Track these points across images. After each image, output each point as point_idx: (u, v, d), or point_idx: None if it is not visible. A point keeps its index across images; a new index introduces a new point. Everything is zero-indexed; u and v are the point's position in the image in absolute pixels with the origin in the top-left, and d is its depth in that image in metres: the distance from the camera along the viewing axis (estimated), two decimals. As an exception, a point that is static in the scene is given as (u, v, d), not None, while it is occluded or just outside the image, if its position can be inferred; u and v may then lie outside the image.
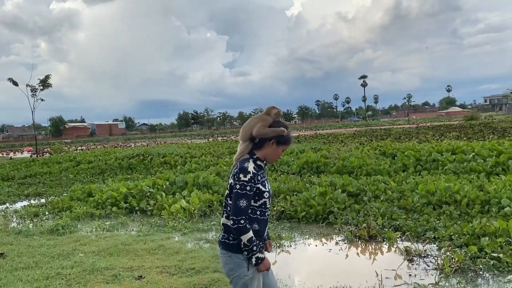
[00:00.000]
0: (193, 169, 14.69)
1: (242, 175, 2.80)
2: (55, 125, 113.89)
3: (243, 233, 2.77)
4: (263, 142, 2.98)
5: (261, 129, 2.98)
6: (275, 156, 3.03)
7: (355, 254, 6.29)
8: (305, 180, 10.83)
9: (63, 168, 18.07)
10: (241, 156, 3.00)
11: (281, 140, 3.02)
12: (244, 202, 2.77)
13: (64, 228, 8.14)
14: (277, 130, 3.00)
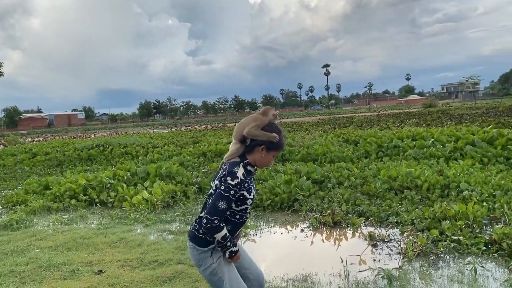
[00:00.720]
0: (155, 159, 14.35)
1: (229, 178, 2.75)
2: (9, 116, 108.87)
3: (216, 231, 2.76)
4: (253, 147, 2.89)
5: (252, 130, 2.88)
6: (266, 162, 2.95)
7: (320, 241, 6.30)
8: (270, 169, 10.78)
9: (18, 161, 17.23)
10: (232, 158, 2.91)
11: (272, 147, 2.92)
12: (223, 205, 2.74)
13: (19, 223, 7.73)
14: (268, 135, 2.88)
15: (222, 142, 16.10)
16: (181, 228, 7.08)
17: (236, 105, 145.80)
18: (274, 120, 3.00)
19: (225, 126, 40.60)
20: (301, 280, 4.73)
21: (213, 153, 14.32)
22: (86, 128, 77.19)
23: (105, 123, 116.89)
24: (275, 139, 2.90)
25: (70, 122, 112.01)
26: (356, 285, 4.55)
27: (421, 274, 4.76)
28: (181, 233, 6.75)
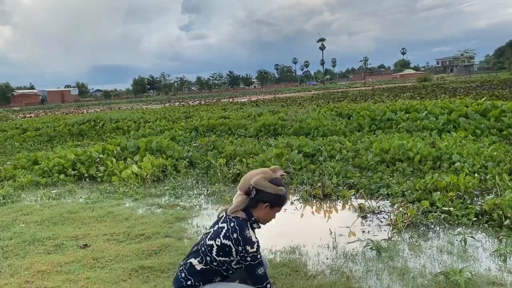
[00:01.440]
0: (147, 134, 14.20)
1: (249, 247, 2.73)
2: (1, 93, 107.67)
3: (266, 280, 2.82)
4: (257, 202, 2.85)
5: (261, 180, 2.86)
6: (269, 219, 2.98)
7: (310, 213, 6.23)
8: (262, 143, 10.66)
9: (8, 136, 17.02)
10: (236, 211, 2.84)
11: (276, 203, 2.92)
12: (261, 270, 2.78)
13: (6, 198, 7.63)
14: (276, 188, 2.88)
15: (214, 117, 15.92)
16: (171, 201, 6.99)
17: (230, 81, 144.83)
18: (283, 181, 2.99)
19: (219, 101, 40.30)
20: (289, 251, 4.67)
21: (205, 127, 14.17)
22: (80, 104, 76.48)
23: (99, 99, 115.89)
24: (282, 192, 2.89)
25: (63, 99, 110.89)
26: (344, 256, 4.50)
27: (411, 245, 4.71)
28: (170, 207, 6.67)
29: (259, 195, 2.84)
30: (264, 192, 2.84)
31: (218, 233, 2.78)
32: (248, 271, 2.77)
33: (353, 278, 3.97)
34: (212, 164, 8.96)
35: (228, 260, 2.79)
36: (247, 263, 2.74)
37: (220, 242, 2.74)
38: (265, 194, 2.85)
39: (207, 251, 2.79)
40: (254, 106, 23.49)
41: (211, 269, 2.80)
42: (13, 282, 4.01)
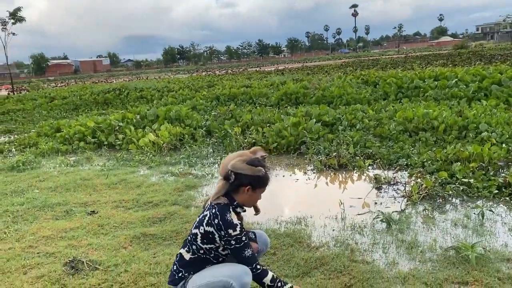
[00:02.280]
0: (169, 103, 14.16)
1: (231, 230, 2.61)
2: (36, 63, 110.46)
3: (263, 276, 2.71)
4: (237, 186, 2.69)
5: (237, 163, 2.69)
6: (254, 201, 2.83)
7: (322, 184, 6.05)
8: (281, 112, 10.43)
9: (37, 105, 17.42)
10: (217, 197, 2.70)
11: (257, 185, 2.75)
12: (248, 251, 2.68)
13: (25, 164, 7.77)
14: (254, 169, 2.69)
15: (236, 86, 15.71)
16: (184, 170, 6.94)
17: (260, 50, 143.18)
18: (262, 161, 2.81)
19: (246, 70, 39.88)
20: (295, 222, 4.53)
21: (226, 96, 14.00)
22: (111, 74, 77.58)
23: (130, 69, 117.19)
24: (261, 173, 2.71)
25: (95, 68, 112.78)
26: (351, 228, 4.32)
27: (424, 218, 4.47)
28: (182, 175, 6.62)
29: (238, 179, 2.69)
30: (243, 175, 2.69)
31: (202, 221, 2.68)
32: (234, 254, 2.68)
33: (358, 250, 3.80)
34: (228, 133, 8.84)
35: (214, 247, 2.69)
36: (233, 247, 2.65)
37: (204, 229, 2.65)
38: (244, 177, 2.69)
39: (192, 240, 2.71)
40: (279, 74, 23.07)
41: (200, 258, 2.70)
42: (17, 247, 4.06)
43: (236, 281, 2.60)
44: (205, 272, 2.68)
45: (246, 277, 2.66)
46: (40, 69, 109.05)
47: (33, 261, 3.75)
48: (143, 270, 3.49)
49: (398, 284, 3.20)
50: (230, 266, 2.72)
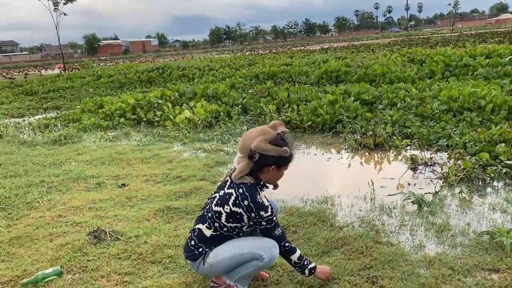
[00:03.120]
0: (209, 81, 14.21)
1: (263, 212, 2.55)
2: (89, 43, 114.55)
3: (291, 253, 2.68)
4: (262, 166, 2.60)
5: (261, 144, 2.57)
6: (277, 179, 2.76)
7: (355, 163, 5.84)
8: (319, 90, 10.17)
9: (85, 83, 18.04)
10: (241, 176, 2.59)
11: (282, 163, 2.66)
12: (278, 231, 2.63)
13: (67, 138, 8.06)
14: (280, 149, 2.59)
15: (277, 64, 15.49)
16: (216, 146, 6.94)
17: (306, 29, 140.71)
18: (285, 138, 2.71)
19: (290, 50, 39.32)
20: (321, 201, 4.40)
21: (265, 75, 13.84)
22: (158, 54, 79.09)
23: (177, 49, 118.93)
24: (286, 153, 2.61)
25: (144, 49, 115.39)
26: (380, 209, 4.13)
27: (459, 200, 4.21)
28: (214, 151, 6.62)
29: (263, 159, 2.59)
30: (267, 155, 2.58)
31: (226, 199, 2.59)
32: (264, 233, 2.63)
33: (383, 232, 3.63)
34: (263, 110, 8.74)
35: (240, 225, 2.63)
36: (263, 227, 2.60)
37: (230, 209, 2.57)
38: (268, 157, 2.59)
39: (214, 218, 2.63)
40: (323, 53, 22.54)
41: (222, 235, 2.64)
42: (47, 216, 4.20)
43: (266, 253, 2.57)
44: (230, 244, 2.63)
45: (275, 250, 2.62)
46: (92, 49, 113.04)
47: (60, 229, 3.87)
48: (162, 242, 3.51)
49: (422, 268, 3.02)
50: (257, 238, 2.69)
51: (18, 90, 17.94)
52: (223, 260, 2.57)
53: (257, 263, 2.56)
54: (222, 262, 2.57)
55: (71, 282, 2.99)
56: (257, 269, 2.61)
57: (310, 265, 2.72)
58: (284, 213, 4.12)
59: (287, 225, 3.80)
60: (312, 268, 2.73)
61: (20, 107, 13.76)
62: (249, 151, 2.61)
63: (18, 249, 3.50)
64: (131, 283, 2.95)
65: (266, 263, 2.57)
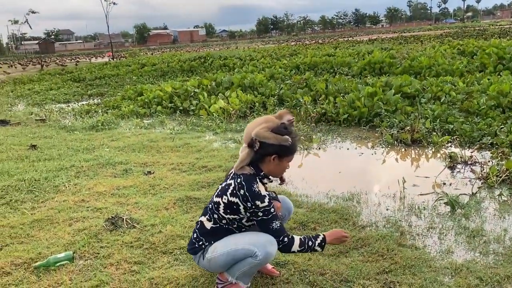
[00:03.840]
0: (250, 71, 14.10)
1: (259, 202, 2.42)
2: (139, 33, 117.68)
3: (291, 246, 2.51)
4: (263, 156, 2.46)
5: (262, 132, 2.44)
6: (281, 171, 2.57)
7: (389, 159, 5.55)
8: (360, 82, 9.81)
9: (129, 71, 18.46)
10: (242, 167, 2.49)
11: (284, 153, 2.49)
12: (276, 223, 2.47)
13: (104, 124, 8.24)
14: (280, 137, 2.44)
15: (319, 55, 15.15)
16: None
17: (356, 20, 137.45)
18: (289, 127, 2.53)
19: (336, 40, 38.46)
20: (346, 198, 4.19)
21: (306, 65, 13.57)
22: (205, 44, 80.00)
23: (224, 39, 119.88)
24: (287, 143, 2.43)
25: (192, 38, 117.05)
26: (409, 209, 3.88)
27: (498, 204, 3.87)
28: (241, 143, 6.51)
29: (263, 147, 2.45)
30: (268, 144, 2.43)
31: (225, 190, 2.50)
32: (261, 226, 2.49)
33: (409, 234, 3.39)
34: (299, 102, 8.53)
35: (238, 218, 2.51)
36: (259, 219, 2.46)
37: (227, 199, 2.47)
38: (269, 146, 2.44)
39: (214, 209, 2.54)
40: (369, 44, 21.83)
41: (222, 228, 2.54)
42: (70, 200, 4.26)
43: (260, 250, 2.41)
44: (227, 240, 2.52)
45: (270, 247, 2.46)
46: (143, 38, 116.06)
47: (80, 214, 3.90)
48: (176, 233, 3.45)
49: (446, 276, 2.78)
50: (253, 234, 2.54)
51: (67, 77, 18.65)
52: (219, 256, 2.47)
53: (252, 260, 2.43)
54: (219, 258, 2.47)
55: (81, 268, 2.99)
56: (253, 267, 2.48)
57: (316, 241, 2.54)
58: (306, 208, 3.95)
59: (307, 222, 3.63)
60: (321, 242, 2.55)
61: (67, 93, 14.27)
62: (250, 139, 2.48)
63: (37, 232, 3.56)
64: (138, 272, 2.91)
65: (261, 260, 2.43)
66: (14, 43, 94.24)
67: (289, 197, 4.20)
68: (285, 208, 2.84)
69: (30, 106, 12.13)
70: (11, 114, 10.63)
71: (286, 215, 2.86)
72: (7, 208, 4.09)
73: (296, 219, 3.67)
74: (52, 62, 32.79)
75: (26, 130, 8.14)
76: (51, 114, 10.11)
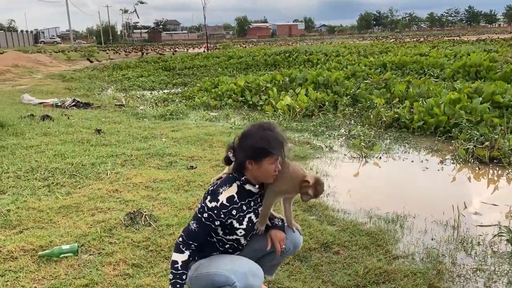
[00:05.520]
0: (332, 67, 13.54)
1: (209, 198, 2.11)
2: (240, 25, 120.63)
3: (176, 250, 2.13)
4: (240, 164, 2.14)
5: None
6: (266, 174, 2.13)
7: (456, 178, 4.84)
8: (446, 86, 8.83)
9: (217, 62, 18.84)
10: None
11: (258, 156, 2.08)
12: (195, 226, 2.12)
13: (173, 114, 8.38)
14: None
15: (410, 54, 14.06)
16: (306, 138, 6.48)
17: (468, 18, 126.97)
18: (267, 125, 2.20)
19: (439, 39, 35.68)
20: (389, 220, 3.67)
21: (394, 64, 12.65)
22: (302, 38, 79.57)
23: (322, 34, 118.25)
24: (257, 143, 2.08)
25: (290, 32, 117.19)
26: (459, 242, 3.27)
27: None
28: (300, 143, 6.18)
29: (237, 157, 2.14)
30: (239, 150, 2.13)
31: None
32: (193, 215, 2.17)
33: (449, 273, 2.83)
34: (373, 103, 7.90)
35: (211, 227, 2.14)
36: (197, 209, 2.14)
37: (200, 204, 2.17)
38: (241, 152, 2.12)
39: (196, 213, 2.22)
40: (473, 44, 19.82)
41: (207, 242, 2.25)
42: (104, 188, 4.28)
43: (239, 281, 2.09)
44: (211, 260, 2.22)
45: (252, 279, 2.13)
46: (242, 31, 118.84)
47: (107, 205, 3.89)
48: (187, 237, 3.26)
49: (477, 338, 2.24)
50: (239, 260, 2.22)
51: (159, 65, 19.58)
52: (199, 276, 2.18)
53: None
54: (199, 278, 2.19)
55: (81, 263, 2.93)
56: None
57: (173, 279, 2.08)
58: (337, 226, 3.53)
59: (331, 243, 3.22)
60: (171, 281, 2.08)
61: (154, 80, 14.94)
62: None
63: (60, 219, 3.60)
64: (132, 276, 2.77)
65: None
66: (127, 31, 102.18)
67: (323, 212, 3.83)
68: (290, 240, 2.37)
69: (117, 91, 12.89)
70: (98, 98, 11.36)
71: (290, 248, 2.40)
72: (45, 190, 4.23)
73: (319, 239, 3.27)
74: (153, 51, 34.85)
75: (101, 114, 8.58)
76: (130, 100, 10.59)
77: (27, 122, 7.31)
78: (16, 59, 22.05)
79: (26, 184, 4.37)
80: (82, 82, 15.10)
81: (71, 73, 18.64)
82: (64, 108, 9.40)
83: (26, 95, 10.56)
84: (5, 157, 5.23)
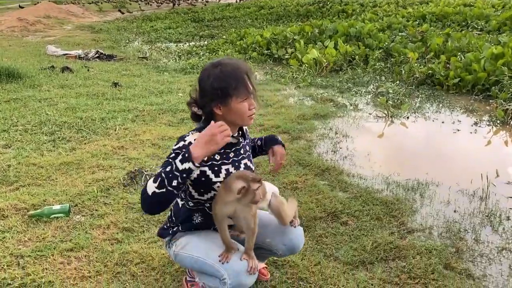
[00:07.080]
0: (367, 19, 12.69)
1: (176, 142, 1.85)
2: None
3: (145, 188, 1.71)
4: (209, 112, 1.83)
5: None
6: (243, 114, 1.81)
7: (491, 142, 4.38)
8: (490, 39, 8.04)
9: (247, 13, 18.12)
10: None
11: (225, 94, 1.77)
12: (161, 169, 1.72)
13: (194, 68, 8.09)
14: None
15: (453, 4, 12.96)
16: (329, 95, 6.07)
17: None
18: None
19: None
20: (408, 187, 3.33)
21: (434, 16, 11.68)
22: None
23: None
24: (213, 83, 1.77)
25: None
26: (486, 215, 2.92)
27: None
28: (322, 101, 5.78)
29: (202, 104, 1.84)
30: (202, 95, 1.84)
31: None
32: None
33: (469, 252, 2.52)
34: (406, 58, 7.31)
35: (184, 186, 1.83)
36: None
37: None
38: (203, 97, 1.82)
39: None
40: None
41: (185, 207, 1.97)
42: (110, 145, 4.10)
43: (231, 278, 1.79)
44: (199, 242, 1.92)
45: (245, 277, 1.81)
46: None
47: (109, 162, 3.72)
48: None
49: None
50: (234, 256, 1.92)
51: (188, 17, 19.05)
52: (187, 257, 1.92)
53: (218, 284, 1.84)
54: (186, 259, 1.93)
55: (70, 225, 2.78)
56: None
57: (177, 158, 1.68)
58: (350, 193, 3.24)
59: (340, 212, 2.94)
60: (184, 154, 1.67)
61: (182, 32, 14.52)
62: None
63: (59, 176, 3.47)
64: (120, 242, 2.60)
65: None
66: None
67: (337, 176, 3.54)
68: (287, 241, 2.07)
69: (144, 43, 12.63)
70: (123, 50, 11.15)
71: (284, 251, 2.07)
72: (50, 145, 4.10)
73: (327, 207, 3.00)
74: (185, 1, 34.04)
75: (122, 66, 8.37)
76: (154, 52, 10.32)
77: (46, 74, 7.20)
78: (48, 10, 21.99)
79: (32, 138, 4.26)
80: (110, 34, 14.88)
81: (100, 24, 18.44)
82: (87, 60, 9.26)
83: (51, 46, 10.47)
84: (17, 110, 5.13)
